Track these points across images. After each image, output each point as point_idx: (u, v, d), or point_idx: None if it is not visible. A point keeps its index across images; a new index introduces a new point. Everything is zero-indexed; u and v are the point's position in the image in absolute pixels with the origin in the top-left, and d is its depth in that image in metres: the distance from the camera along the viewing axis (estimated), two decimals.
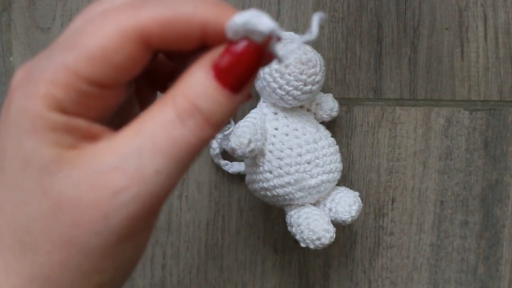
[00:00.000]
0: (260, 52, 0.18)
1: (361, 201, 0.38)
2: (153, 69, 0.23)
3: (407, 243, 0.45)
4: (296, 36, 0.38)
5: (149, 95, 0.25)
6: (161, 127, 0.18)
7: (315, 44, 0.41)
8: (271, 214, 0.44)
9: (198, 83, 0.18)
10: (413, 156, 0.44)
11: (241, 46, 0.18)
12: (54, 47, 0.19)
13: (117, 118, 0.21)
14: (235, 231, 0.44)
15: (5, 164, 0.18)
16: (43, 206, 0.18)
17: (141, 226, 0.19)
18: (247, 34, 0.18)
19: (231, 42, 0.18)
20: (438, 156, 0.44)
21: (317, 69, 0.36)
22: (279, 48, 0.19)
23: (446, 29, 0.42)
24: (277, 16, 0.41)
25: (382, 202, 0.44)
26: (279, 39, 0.18)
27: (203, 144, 0.19)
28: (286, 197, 0.37)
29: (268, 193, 0.37)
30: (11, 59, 0.43)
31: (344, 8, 0.41)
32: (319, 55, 0.37)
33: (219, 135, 0.41)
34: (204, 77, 0.18)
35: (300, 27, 0.42)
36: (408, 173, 0.44)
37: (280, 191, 0.37)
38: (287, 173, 0.36)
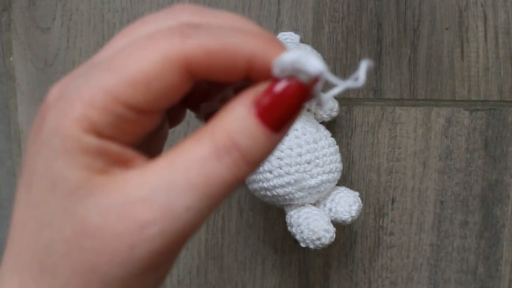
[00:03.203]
0: (306, 94, 0.18)
1: (361, 201, 0.38)
2: None
3: (407, 243, 0.45)
4: (296, 36, 0.38)
5: (178, 112, 0.24)
6: (196, 161, 0.17)
7: (315, 44, 0.41)
8: (271, 214, 0.44)
9: (239, 119, 0.18)
10: (413, 156, 0.44)
11: (286, 85, 0.18)
12: (92, 66, 0.18)
13: (146, 136, 0.21)
14: (235, 231, 0.44)
15: (32, 182, 0.18)
16: (67, 230, 0.17)
17: (164, 259, 0.18)
18: (293, 73, 0.17)
19: (276, 80, 0.18)
20: (438, 156, 0.44)
21: None
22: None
23: (446, 29, 0.42)
24: (277, 16, 0.41)
25: (382, 202, 0.44)
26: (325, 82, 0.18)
27: (238, 182, 0.18)
28: (286, 197, 0.37)
29: (268, 193, 0.37)
30: (11, 59, 0.43)
31: (344, 8, 0.41)
32: (319, 55, 0.37)
33: None
34: (245, 114, 0.18)
35: (300, 27, 0.42)
36: (408, 173, 0.44)
37: (280, 191, 0.37)
38: (287, 173, 0.36)
